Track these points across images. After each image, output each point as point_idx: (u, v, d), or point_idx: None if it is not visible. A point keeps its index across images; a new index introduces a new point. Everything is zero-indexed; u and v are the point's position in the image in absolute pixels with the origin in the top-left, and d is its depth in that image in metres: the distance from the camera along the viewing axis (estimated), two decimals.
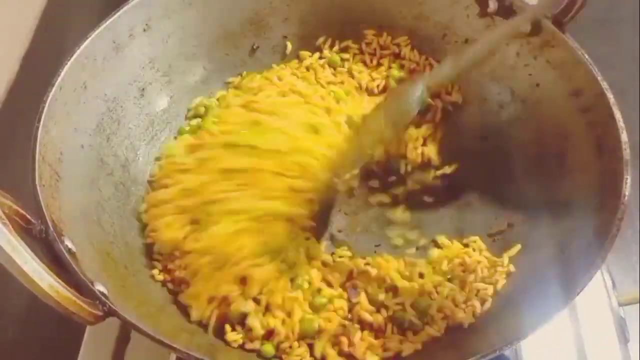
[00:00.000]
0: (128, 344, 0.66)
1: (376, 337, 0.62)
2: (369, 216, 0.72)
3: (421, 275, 0.66)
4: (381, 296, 0.64)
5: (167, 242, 0.65)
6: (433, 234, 0.71)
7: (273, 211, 0.63)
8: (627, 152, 0.62)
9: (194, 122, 0.75)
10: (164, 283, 0.66)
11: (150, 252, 0.67)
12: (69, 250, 0.56)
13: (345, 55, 0.78)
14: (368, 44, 0.79)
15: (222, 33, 0.78)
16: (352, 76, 0.77)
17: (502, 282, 0.65)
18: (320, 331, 0.62)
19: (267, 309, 0.62)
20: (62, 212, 0.60)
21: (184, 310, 0.64)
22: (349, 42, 0.79)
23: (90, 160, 0.68)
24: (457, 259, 0.67)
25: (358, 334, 0.61)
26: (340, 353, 0.61)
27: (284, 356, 0.61)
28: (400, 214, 0.71)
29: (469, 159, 0.74)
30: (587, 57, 0.67)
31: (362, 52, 0.79)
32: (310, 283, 0.64)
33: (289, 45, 0.79)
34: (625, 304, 0.70)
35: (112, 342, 0.66)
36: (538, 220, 0.68)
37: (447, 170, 0.73)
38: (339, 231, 0.71)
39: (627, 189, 0.60)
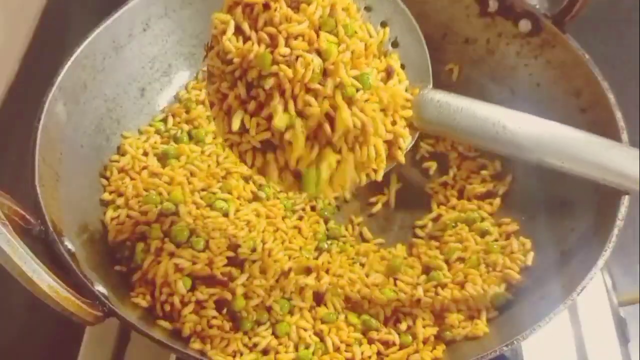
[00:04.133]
0: (128, 344, 0.66)
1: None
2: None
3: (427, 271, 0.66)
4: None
5: None
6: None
7: None
8: None
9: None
10: None
11: None
12: (69, 251, 0.56)
13: None
14: None
15: None
16: None
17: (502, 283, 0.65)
18: None
19: None
20: (62, 213, 0.60)
21: None
22: None
23: (90, 160, 0.68)
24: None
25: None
26: None
27: None
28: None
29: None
30: (587, 57, 0.67)
31: None
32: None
33: None
34: (625, 304, 0.70)
35: (112, 342, 0.66)
36: (538, 221, 0.68)
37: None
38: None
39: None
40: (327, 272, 0.65)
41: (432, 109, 0.58)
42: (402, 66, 0.59)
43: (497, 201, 0.71)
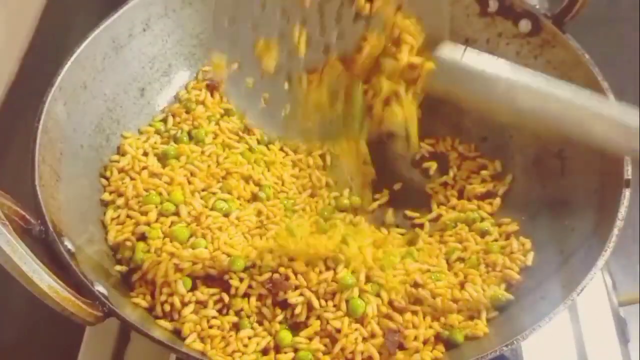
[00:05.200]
0: (128, 344, 0.66)
1: None
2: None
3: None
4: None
5: None
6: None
7: None
8: None
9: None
10: None
11: None
12: (69, 251, 0.56)
13: None
14: None
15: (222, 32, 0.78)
16: None
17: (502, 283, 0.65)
18: None
19: None
20: (62, 213, 0.60)
21: None
22: None
23: (90, 160, 0.68)
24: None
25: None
26: None
27: None
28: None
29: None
30: (587, 57, 0.67)
31: None
32: None
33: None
34: (625, 304, 0.70)
35: (112, 342, 0.66)
36: (538, 221, 0.68)
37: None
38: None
39: (627, 189, 0.60)
40: None
41: (444, 67, 0.57)
42: (419, 18, 0.57)
43: (497, 201, 0.71)
